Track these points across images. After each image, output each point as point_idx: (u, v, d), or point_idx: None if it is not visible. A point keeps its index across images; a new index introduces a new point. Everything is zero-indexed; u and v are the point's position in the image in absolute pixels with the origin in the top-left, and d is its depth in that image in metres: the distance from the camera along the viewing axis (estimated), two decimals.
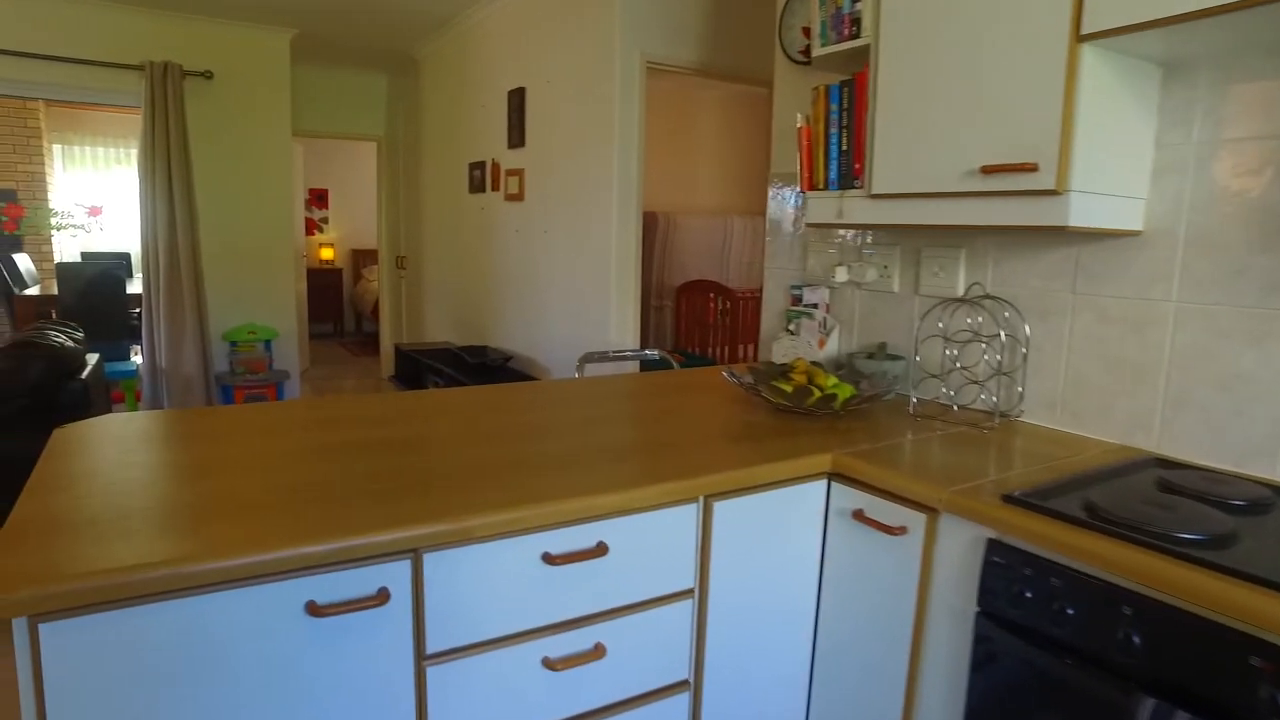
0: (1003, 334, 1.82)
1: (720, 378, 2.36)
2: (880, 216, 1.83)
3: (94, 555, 0.96)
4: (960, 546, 1.33)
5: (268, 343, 5.24)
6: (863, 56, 1.87)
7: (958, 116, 1.59)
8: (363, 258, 9.63)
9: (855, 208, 1.89)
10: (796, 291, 2.49)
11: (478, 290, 4.84)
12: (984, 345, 1.90)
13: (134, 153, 8.41)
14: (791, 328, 2.46)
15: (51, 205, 7.98)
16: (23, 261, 6.95)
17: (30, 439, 2.77)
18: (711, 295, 6.17)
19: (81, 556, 0.96)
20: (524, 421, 1.72)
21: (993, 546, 1.26)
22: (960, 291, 1.98)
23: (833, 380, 1.91)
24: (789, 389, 1.82)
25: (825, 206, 1.99)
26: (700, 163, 6.82)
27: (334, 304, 9.26)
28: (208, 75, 4.84)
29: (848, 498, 1.55)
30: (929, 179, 1.66)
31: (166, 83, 4.63)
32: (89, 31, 4.55)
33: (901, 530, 1.43)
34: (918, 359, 2.04)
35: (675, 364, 2.74)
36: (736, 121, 7.22)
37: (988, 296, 1.89)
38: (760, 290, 7.14)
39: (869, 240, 2.25)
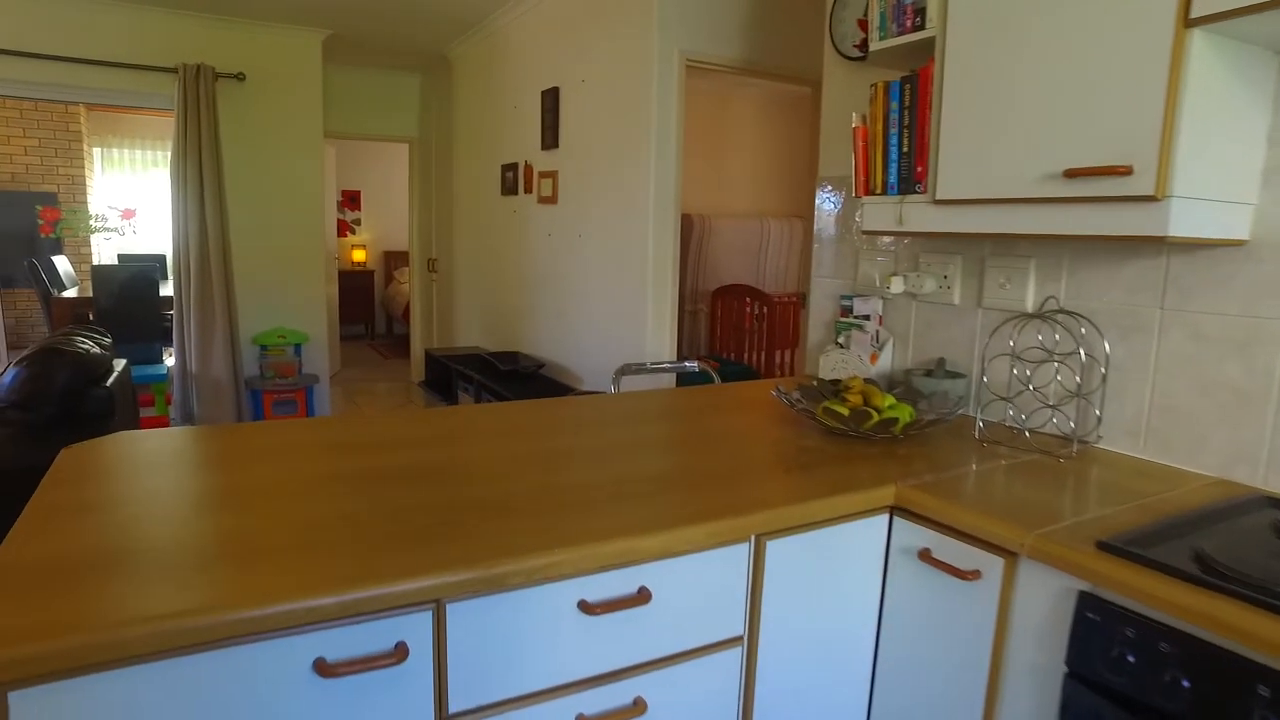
0: (1083, 353, 1.65)
1: (764, 394, 2.22)
2: (945, 224, 1.68)
3: (76, 610, 0.86)
4: (1045, 597, 1.18)
5: (297, 347, 5.20)
6: (927, 50, 1.72)
7: (1037, 114, 1.43)
8: (395, 259, 9.61)
9: (917, 214, 1.75)
10: (846, 302, 2.34)
11: (509, 295, 4.74)
12: (1057, 365, 1.74)
13: (169, 159, 8.47)
14: (841, 340, 2.32)
15: (90, 208, 8.07)
16: (61, 264, 7.01)
17: (58, 447, 2.73)
18: (747, 300, 6.02)
19: (61, 611, 0.85)
20: (558, 445, 1.59)
21: (1086, 601, 1.11)
22: (1029, 305, 1.83)
23: (889, 400, 1.77)
24: (845, 411, 1.67)
25: (883, 213, 1.84)
26: (734, 164, 6.68)
27: (365, 306, 9.25)
28: (240, 77, 4.81)
29: (912, 535, 1.40)
30: (1002, 183, 1.51)
31: (199, 85, 4.60)
32: (124, 35, 4.54)
33: (974, 575, 1.29)
34: (984, 379, 1.88)
35: (715, 377, 2.60)
36: (772, 122, 7.05)
37: (1062, 311, 1.73)
38: (797, 295, 6.98)
39: (927, 249, 2.09)
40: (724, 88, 6.37)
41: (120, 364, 3.24)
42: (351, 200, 9.34)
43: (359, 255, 9.38)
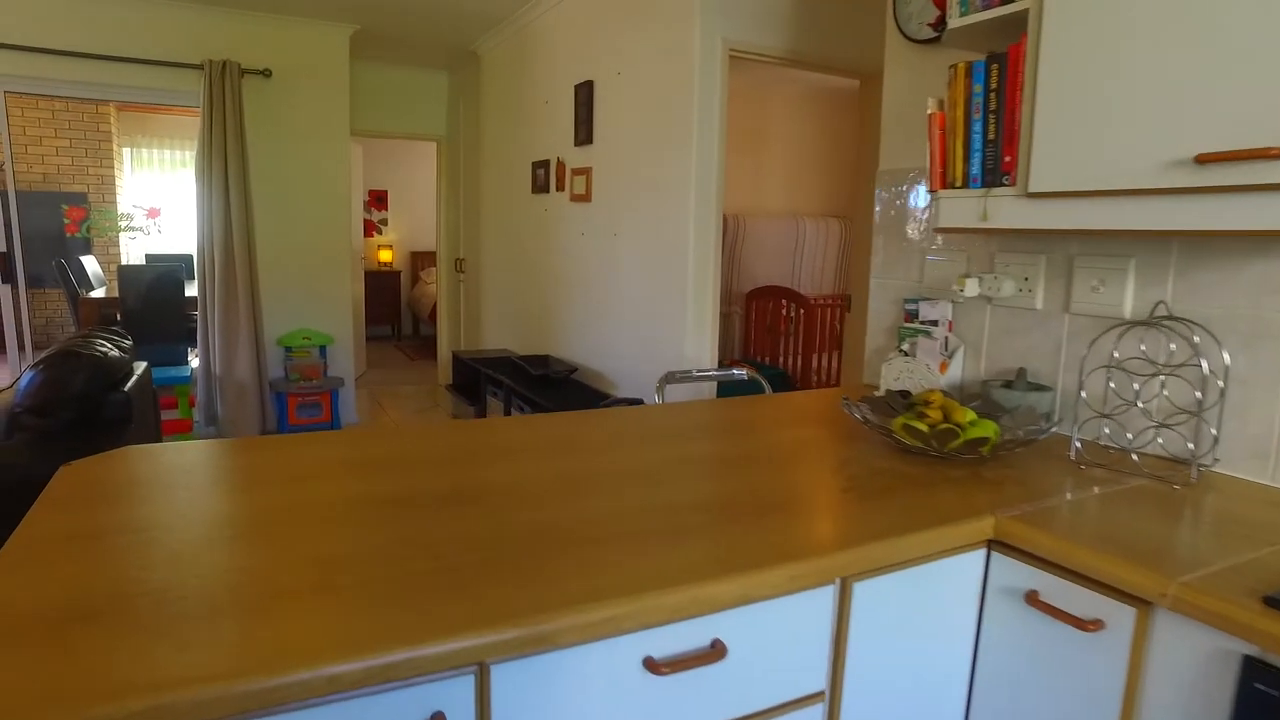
0: (1204, 364, 1.46)
1: (821, 405, 2.04)
2: (1038, 220, 1.49)
3: (50, 673, 0.71)
4: (1194, 660, 1.00)
5: (322, 349, 5.09)
6: (1016, 25, 1.54)
7: (1160, 91, 1.25)
8: (421, 260, 9.53)
9: (1004, 209, 1.56)
10: (911, 306, 2.16)
11: (539, 296, 4.60)
12: (1164, 378, 1.55)
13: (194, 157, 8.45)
14: (905, 348, 2.13)
15: (118, 208, 8.06)
16: (89, 264, 6.99)
17: (75, 453, 2.63)
18: (784, 301, 5.83)
19: (32, 675, 0.70)
20: (606, 465, 1.43)
21: (1255, 669, 0.93)
22: (1126, 309, 1.64)
23: (969, 415, 1.59)
24: (925, 428, 1.49)
25: (963, 208, 1.66)
26: (768, 162, 6.49)
27: (392, 306, 9.17)
28: (266, 73, 4.71)
29: (1016, 574, 1.22)
30: (1114, 173, 1.33)
31: (225, 81, 4.51)
32: (150, 31, 4.46)
33: (1096, 625, 1.10)
34: (1083, 394, 1.68)
35: (766, 386, 2.43)
36: (807, 118, 6.86)
37: (1171, 318, 1.54)
38: (838, 297, 6.77)
39: (1005, 247, 1.90)
40: (757, 83, 6.19)
41: (140, 367, 3.13)
42: (378, 200, 9.27)
43: (385, 255, 9.31)
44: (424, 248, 9.58)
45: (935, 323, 2.09)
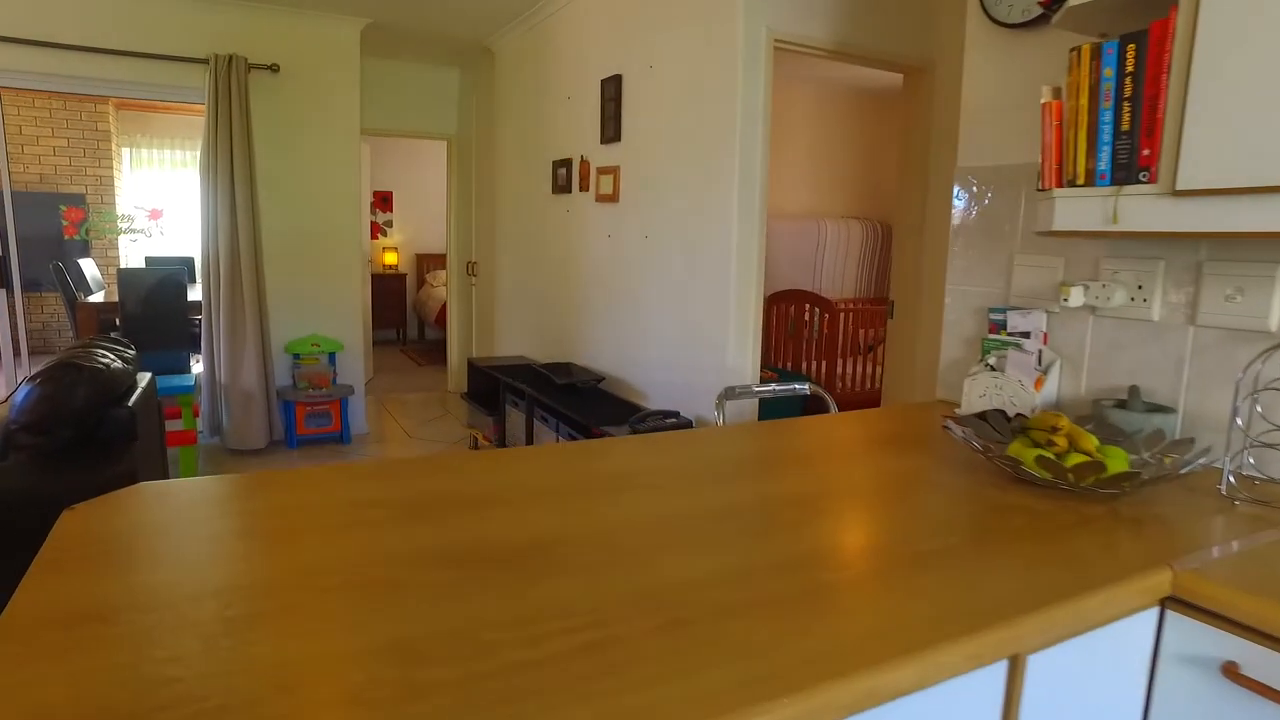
0: None
1: (901, 423, 1.85)
2: (1187, 221, 1.30)
3: None
4: None
5: (332, 356, 4.89)
6: (1151, 2, 1.35)
7: None
8: (427, 262, 9.33)
9: (1140, 210, 1.37)
10: (998, 316, 1.96)
11: (560, 301, 4.40)
12: None
13: (199, 156, 8.24)
14: (992, 361, 1.94)
15: (117, 209, 7.85)
16: (88, 267, 6.78)
17: (75, 474, 2.42)
18: (806, 306, 5.64)
19: None
20: (693, 508, 1.23)
21: None
22: (1274, 321, 1.44)
23: (1093, 441, 1.39)
24: (1067, 462, 1.30)
25: (1084, 209, 1.47)
26: (789, 162, 6.30)
27: (398, 310, 8.98)
28: (274, 69, 4.51)
29: (1205, 640, 1.03)
30: None
31: (231, 76, 4.31)
32: (153, 24, 4.26)
33: None
34: (1238, 422, 1.48)
35: (832, 403, 2.23)
36: (829, 116, 6.67)
37: None
38: (862, 301, 6.57)
39: (1114, 252, 1.71)
40: (777, 81, 6.00)
41: (144, 379, 2.93)
42: (383, 201, 9.07)
43: (391, 258, 9.11)
44: (430, 250, 9.38)
45: (1027, 335, 1.90)
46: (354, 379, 5.00)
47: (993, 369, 1.93)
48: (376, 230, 9.03)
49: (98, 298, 5.84)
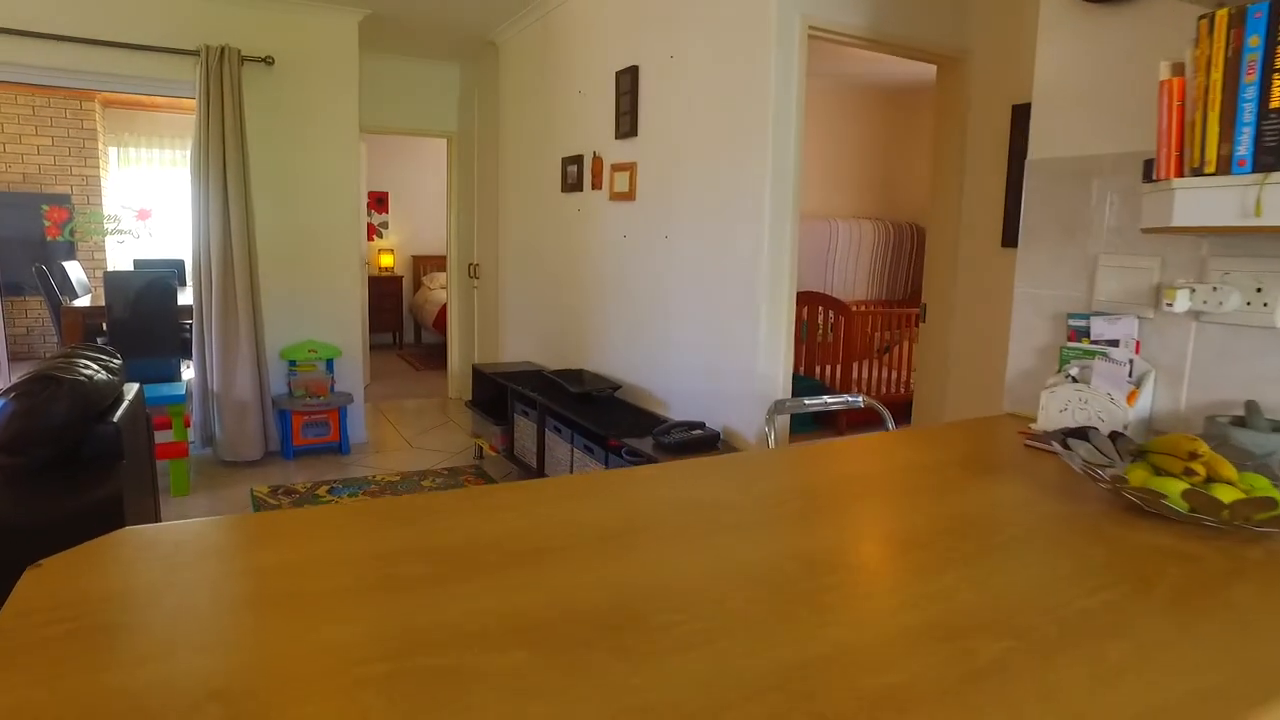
0: None
1: (972, 440, 1.66)
2: None
3: None
4: None
5: (329, 362, 4.68)
6: None
7: None
8: (424, 264, 9.12)
9: None
10: (1079, 323, 1.77)
11: (570, 304, 4.20)
12: None
13: (189, 153, 8.00)
14: (1074, 372, 1.75)
15: (104, 210, 7.60)
16: (73, 270, 6.53)
17: (54, 499, 2.20)
18: (820, 307, 5.46)
19: None
20: (776, 553, 1.04)
21: None
22: None
23: (1231, 468, 1.21)
24: (1199, 489, 1.11)
25: (1216, 201, 1.28)
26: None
27: (394, 313, 8.75)
28: (268, 61, 4.30)
29: None
30: None
31: (223, 69, 4.09)
32: (142, 13, 4.04)
33: None
34: None
35: (889, 419, 2.04)
36: (840, 113, 6.50)
37: None
38: (875, 304, 6.39)
39: (1227, 250, 1.52)
40: None
41: (131, 390, 2.71)
42: (378, 202, 8.85)
43: (386, 260, 8.88)
44: (427, 251, 9.16)
45: (1115, 343, 1.71)
46: (353, 386, 4.78)
47: (1075, 381, 1.75)
48: (372, 231, 8.81)
49: (83, 302, 5.60)
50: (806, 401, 1.98)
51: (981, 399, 3.19)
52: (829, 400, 2.04)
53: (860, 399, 2.06)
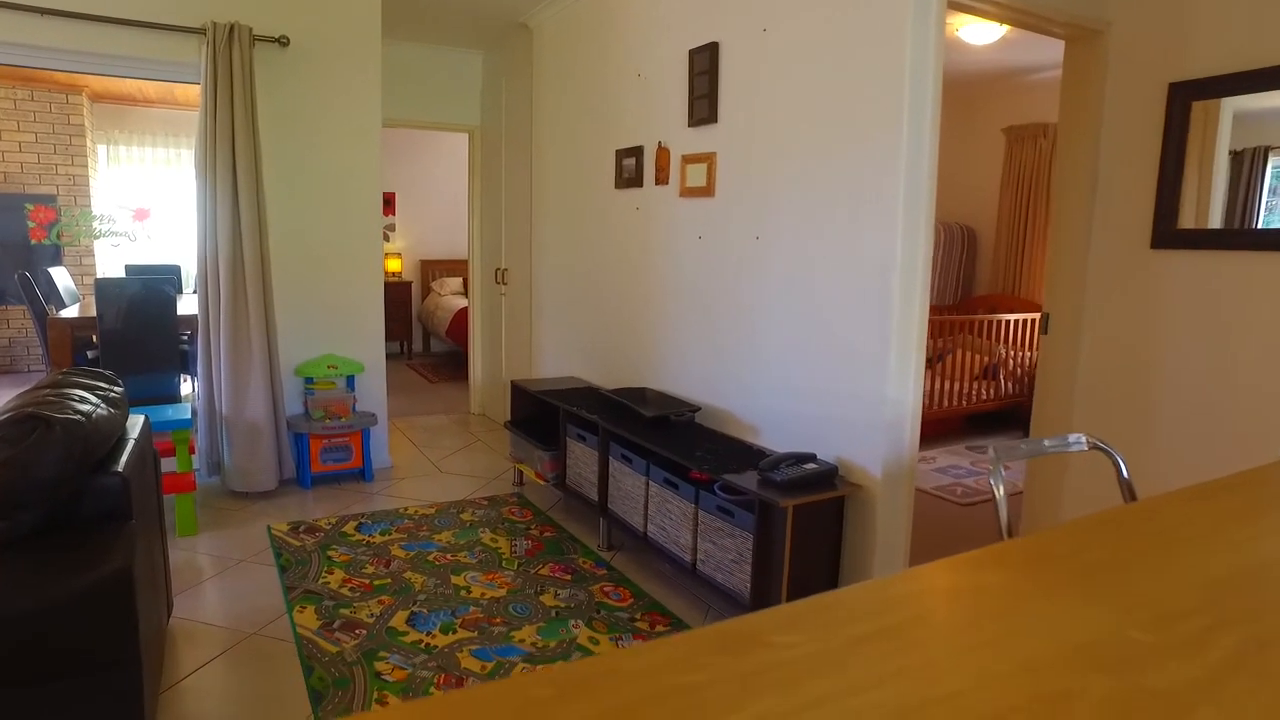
0: None
1: None
2: None
3: None
4: None
5: (350, 379, 4.20)
6: None
7: None
8: (433, 269, 8.64)
9: None
10: None
11: (625, 313, 3.74)
12: None
13: (186, 154, 7.50)
14: None
15: (94, 211, 7.09)
16: (60, 277, 6.02)
17: (43, 577, 1.69)
18: None
19: None
20: None
21: None
22: None
23: None
24: None
25: None
26: None
27: (403, 322, 8.26)
28: (283, 42, 3.83)
29: None
30: None
31: (232, 50, 3.61)
32: None
33: None
34: None
35: (1120, 462, 1.60)
36: None
37: None
38: (931, 309, 5.92)
39: None
40: None
41: (136, 425, 2.24)
42: (385, 203, 8.35)
43: (394, 264, 8.40)
44: (437, 256, 8.70)
45: None
46: (376, 406, 4.30)
47: None
48: None
49: (71, 312, 5.10)
50: (1046, 444, 1.54)
51: (1120, 423, 2.76)
52: (1048, 444, 1.60)
53: (1084, 440, 1.62)
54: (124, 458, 1.93)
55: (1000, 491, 1.45)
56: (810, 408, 2.68)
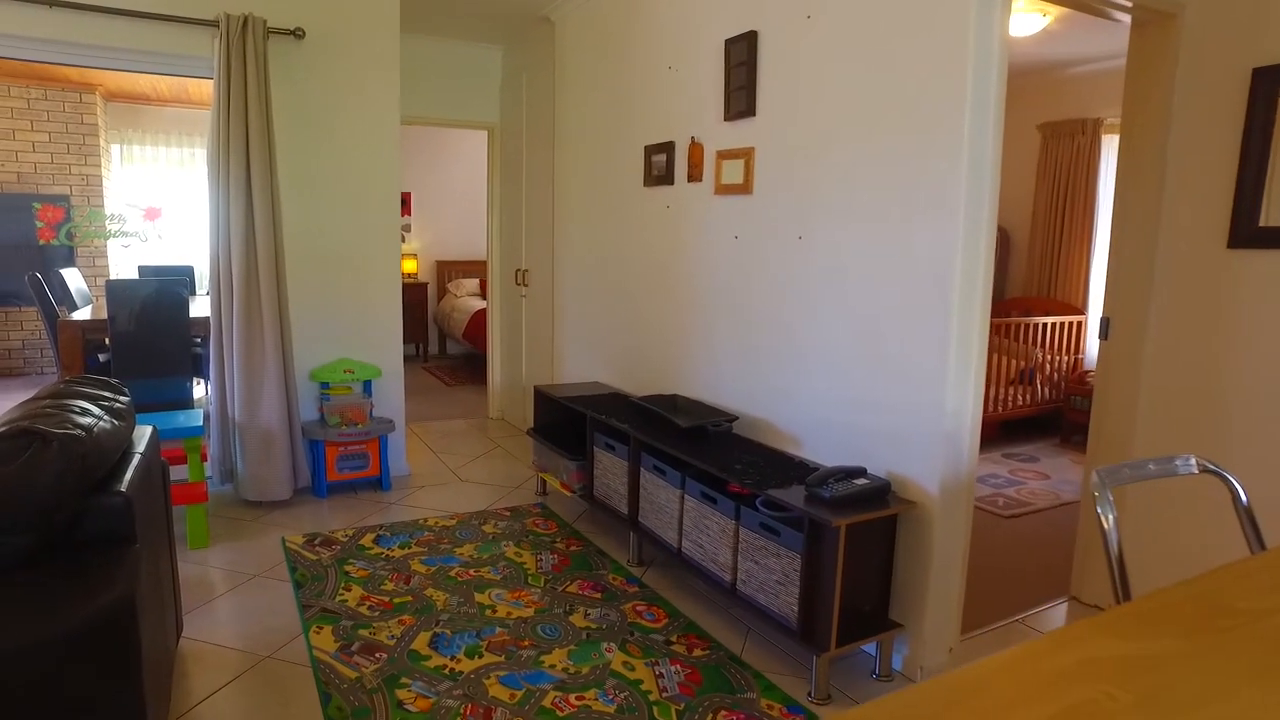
0: None
1: None
2: None
3: None
4: None
5: (367, 384, 4.06)
6: None
7: None
8: (449, 270, 8.51)
9: None
10: None
11: (654, 317, 3.58)
12: None
13: (200, 154, 7.40)
14: None
15: (107, 211, 6.99)
16: (72, 278, 5.92)
17: (36, 607, 1.54)
18: None
19: None
20: None
21: None
22: None
23: None
24: None
25: None
26: None
27: (418, 324, 8.13)
28: (298, 34, 3.69)
29: None
30: None
31: (246, 42, 3.48)
32: None
33: None
34: None
35: (1237, 487, 1.42)
36: None
37: None
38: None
39: None
40: None
41: (143, 438, 2.09)
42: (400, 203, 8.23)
43: (409, 265, 8.28)
44: (452, 256, 8.57)
45: None
46: (393, 412, 4.16)
47: None
48: None
49: (83, 314, 4.98)
50: (1152, 467, 1.37)
51: (1189, 439, 2.57)
52: (1153, 467, 1.43)
53: (1193, 461, 1.45)
54: (128, 475, 1.79)
55: (1109, 522, 1.27)
56: (857, 418, 2.50)
